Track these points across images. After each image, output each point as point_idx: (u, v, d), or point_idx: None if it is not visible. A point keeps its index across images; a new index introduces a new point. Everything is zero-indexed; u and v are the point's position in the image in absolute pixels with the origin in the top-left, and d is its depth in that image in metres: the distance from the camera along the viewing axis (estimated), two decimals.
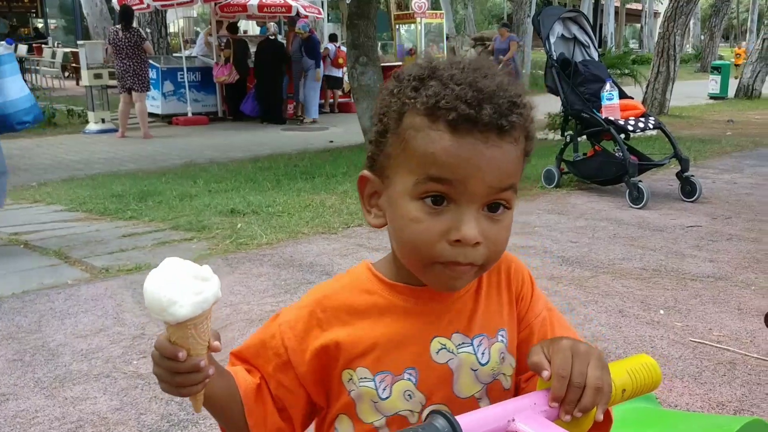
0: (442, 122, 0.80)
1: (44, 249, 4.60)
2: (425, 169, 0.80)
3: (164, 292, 0.72)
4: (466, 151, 0.79)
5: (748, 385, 2.61)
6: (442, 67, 0.83)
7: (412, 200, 0.81)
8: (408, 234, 0.82)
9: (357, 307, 0.90)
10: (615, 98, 5.70)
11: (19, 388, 2.63)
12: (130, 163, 8.44)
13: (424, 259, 0.82)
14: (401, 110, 0.83)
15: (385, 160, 0.85)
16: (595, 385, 0.77)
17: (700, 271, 3.94)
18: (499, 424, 0.79)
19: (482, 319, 0.92)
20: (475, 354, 0.90)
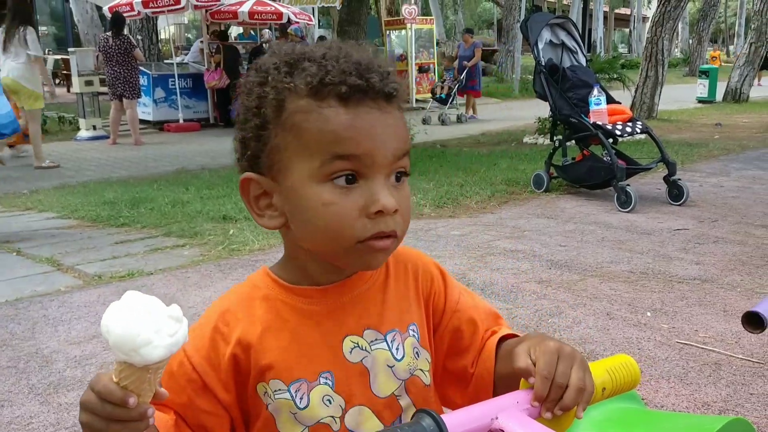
0: (332, 98, 0.79)
1: (37, 256, 4.61)
2: (328, 148, 0.78)
3: (138, 329, 0.65)
4: (364, 122, 0.79)
5: (732, 386, 2.66)
6: (308, 49, 0.83)
7: (320, 184, 0.79)
8: (323, 219, 0.79)
9: (259, 316, 0.86)
10: (603, 103, 5.77)
11: (14, 395, 2.65)
12: (122, 170, 8.46)
13: (346, 241, 0.80)
14: (279, 97, 0.81)
15: (271, 155, 0.82)
16: (578, 386, 0.79)
17: (687, 273, 4.00)
18: (482, 422, 0.81)
19: (392, 314, 0.90)
20: (389, 350, 0.88)
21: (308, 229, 0.82)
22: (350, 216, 0.79)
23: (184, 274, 4.12)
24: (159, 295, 2.57)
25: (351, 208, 0.79)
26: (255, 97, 0.83)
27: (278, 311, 0.86)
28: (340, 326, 0.87)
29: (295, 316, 0.86)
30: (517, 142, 10.12)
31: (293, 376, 0.84)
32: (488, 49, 26.63)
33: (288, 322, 0.86)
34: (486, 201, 5.96)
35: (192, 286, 3.89)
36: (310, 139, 0.79)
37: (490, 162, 7.90)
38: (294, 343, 0.85)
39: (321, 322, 0.86)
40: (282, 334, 0.85)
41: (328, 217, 0.79)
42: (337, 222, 0.79)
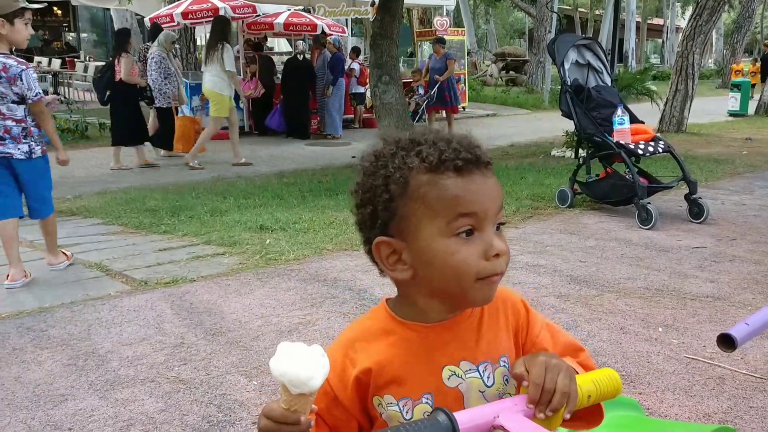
0: (450, 171, 1.01)
1: (86, 261, 4.94)
2: (453, 209, 1.00)
3: (304, 369, 0.90)
4: (477, 186, 1.02)
5: (734, 399, 2.85)
6: (416, 138, 1.06)
7: (447, 238, 1.00)
8: (451, 265, 1.00)
9: (380, 347, 1.08)
10: (626, 123, 5.94)
11: (76, 390, 2.95)
12: (160, 177, 8.81)
13: (468, 281, 1.01)
14: (403, 175, 1.02)
15: (401, 222, 1.03)
16: (563, 391, 1.00)
17: (701, 291, 4.18)
18: (486, 419, 1.04)
19: (485, 347, 1.10)
20: (481, 378, 1.08)
21: (438, 274, 1.02)
22: (472, 260, 1.01)
23: (224, 281, 4.41)
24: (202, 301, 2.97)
25: (473, 254, 1.01)
26: (380, 177, 1.04)
27: (394, 343, 1.08)
28: (441, 357, 1.08)
29: (406, 346, 1.08)
30: (545, 154, 10.28)
31: (402, 393, 1.06)
32: (519, 60, 26.78)
33: (400, 350, 1.08)
34: (511, 216, 6.17)
35: (232, 293, 4.17)
36: (435, 205, 1.01)
37: (517, 176, 8.09)
38: (404, 368, 1.07)
39: (426, 352, 1.08)
40: (396, 359, 1.07)
41: (456, 262, 1.01)
42: (463, 266, 1.01)
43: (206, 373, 3.09)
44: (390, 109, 9.89)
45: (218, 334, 3.54)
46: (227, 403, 2.82)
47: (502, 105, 19.67)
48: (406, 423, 0.97)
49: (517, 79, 25.49)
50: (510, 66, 26.56)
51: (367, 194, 1.06)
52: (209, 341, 3.46)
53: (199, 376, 3.06)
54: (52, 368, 3.16)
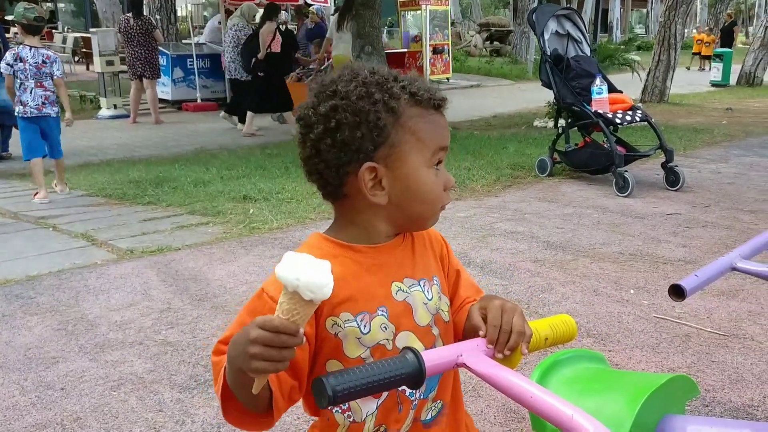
0: (430, 107, 1.12)
1: (72, 232, 5.00)
2: (437, 142, 1.11)
3: (320, 275, 0.92)
4: (445, 123, 1.14)
5: (698, 354, 2.99)
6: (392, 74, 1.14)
7: (428, 168, 1.11)
8: (429, 194, 1.12)
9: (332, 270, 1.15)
10: (604, 92, 6.04)
11: (66, 353, 3.04)
12: (143, 149, 8.82)
13: (436, 207, 1.15)
14: (392, 106, 1.09)
15: (389, 149, 1.09)
16: (518, 330, 1.10)
17: (673, 255, 4.32)
18: (450, 358, 1.14)
19: (420, 267, 1.21)
20: (422, 292, 1.18)
21: (416, 200, 1.13)
22: (440, 190, 1.14)
23: (209, 250, 4.49)
24: (188, 268, 3.08)
25: (440, 185, 1.14)
26: (369, 102, 1.08)
27: (344, 264, 1.13)
28: (388, 274, 1.16)
29: (357, 267, 1.14)
30: (527, 125, 10.37)
31: (359, 309, 1.11)
32: (503, 30, 26.68)
33: (352, 270, 1.13)
34: (491, 184, 6.27)
35: (217, 261, 4.26)
36: (423, 136, 1.10)
37: (498, 146, 8.18)
38: (358, 286, 1.12)
39: (375, 271, 1.15)
40: (348, 280, 1.12)
41: (432, 191, 1.13)
42: (437, 195, 1.14)
43: (193, 336, 3.19)
44: None
45: (204, 300, 3.64)
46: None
47: (486, 76, 19.69)
48: (378, 360, 1.04)
49: (502, 49, 25.45)
50: (494, 36, 26.49)
51: (355, 117, 1.08)
52: (195, 306, 3.55)
53: (186, 339, 3.16)
54: (42, 333, 3.25)
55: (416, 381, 1.06)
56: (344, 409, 1.18)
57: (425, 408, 1.22)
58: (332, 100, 1.10)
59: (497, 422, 2.47)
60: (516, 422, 2.46)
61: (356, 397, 1.01)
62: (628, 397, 1.92)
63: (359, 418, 1.17)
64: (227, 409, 1.09)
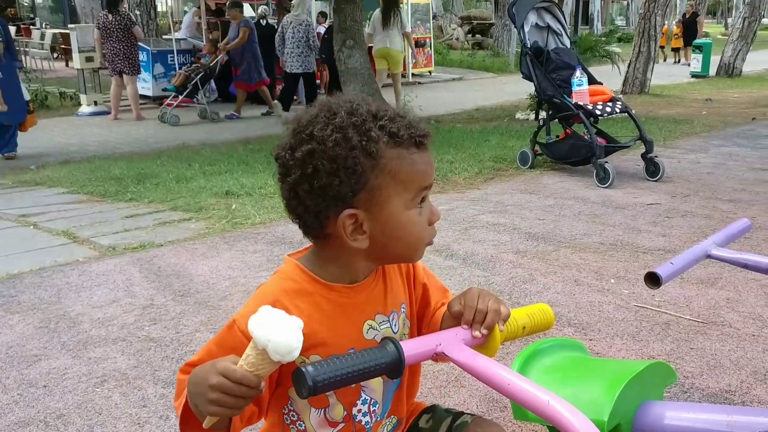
0: (413, 146, 1.09)
1: (53, 229, 4.96)
2: (419, 182, 1.10)
3: (290, 339, 0.93)
4: (428, 160, 1.13)
5: (677, 342, 3.03)
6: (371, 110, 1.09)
7: (410, 210, 1.10)
8: (412, 234, 1.12)
9: (302, 308, 1.11)
10: (584, 84, 6.08)
11: (49, 350, 3.03)
12: (125, 146, 8.77)
13: (421, 247, 1.15)
14: (375, 149, 1.06)
15: (369, 194, 1.07)
16: (494, 309, 1.13)
17: (653, 244, 4.37)
18: (429, 347, 1.16)
19: (391, 298, 1.23)
20: (390, 326, 1.21)
21: (398, 243, 1.12)
22: (425, 228, 1.14)
23: (191, 245, 4.48)
24: (170, 264, 3.08)
25: (424, 222, 1.14)
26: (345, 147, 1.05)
27: (318, 304, 1.14)
28: (362, 314, 1.18)
29: (330, 307, 1.15)
30: (509, 117, 10.42)
31: (328, 352, 1.10)
32: (485, 23, 26.74)
33: (325, 311, 1.14)
34: (474, 177, 6.30)
35: (199, 257, 4.25)
36: (404, 179, 1.08)
37: (481, 138, 8.22)
38: (330, 330, 1.13)
39: (349, 312, 1.16)
40: (322, 323, 1.12)
41: (416, 231, 1.13)
42: (420, 233, 1.13)
43: (176, 332, 3.19)
44: (355, 74, 9.91)
45: (187, 295, 3.63)
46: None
47: (468, 69, 19.74)
48: (358, 351, 1.06)
49: (483, 42, 25.51)
50: (476, 29, 26.54)
51: (332, 164, 1.05)
52: (178, 302, 3.54)
53: (169, 335, 3.16)
54: (24, 331, 3.23)
55: (396, 371, 1.08)
56: (299, 430, 1.20)
57: (381, 426, 1.26)
58: (309, 145, 1.07)
59: (479, 412, 2.49)
60: (498, 411, 2.49)
61: (336, 387, 1.02)
62: (607, 384, 1.95)
63: None
64: (186, 423, 1.09)
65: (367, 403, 1.21)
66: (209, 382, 0.93)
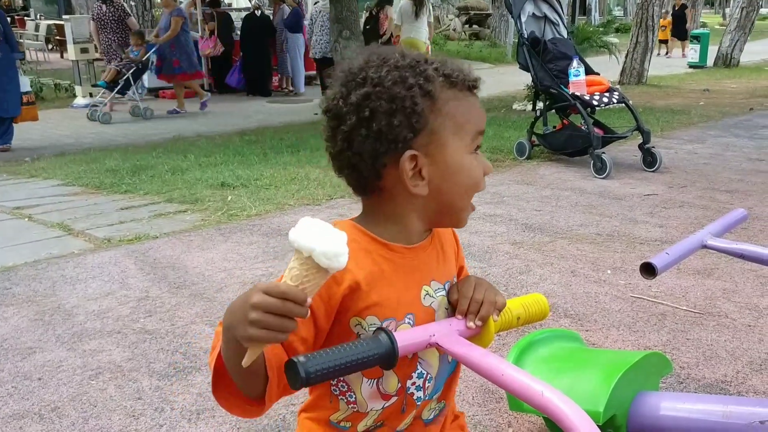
0: (467, 90, 1.07)
1: (48, 222, 4.94)
2: (475, 125, 1.07)
3: (339, 245, 0.87)
4: (481, 105, 1.10)
5: (673, 332, 3.03)
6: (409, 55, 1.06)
7: (469, 154, 1.07)
8: (470, 179, 1.07)
9: (364, 266, 1.05)
10: (581, 74, 6.06)
11: (43, 343, 3.01)
12: (120, 138, 8.73)
13: (471, 195, 1.09)
14: (427, 89, 1.02)
15: (429, 136, 1.03)
16: (490, 300, 1.11)
17: (650, 235, 4.36)
18: (423, 338, 1.14)
19: (444, 268, 1.18)
20: (446, 295, 1.16)
21: (458, 187, 1.08)
22: (481, 177, 1.10)
23: (187, 237, 4.46)
24: (166, 256, 3.05)
25: (480, 169, 1.10)
26: (403, 86, 1.01)
27: (378, 263, 1.08)
28: (419, 278, 1.12)
29: (390, 268, 1.09)
30: (506, 108, 10.39)
31: (386, 314, 1.06)
32: (482, 13, 26.63)
33: (385, 272, 1.08)
34: None
35: (195, 248, 4.23)
36: (462, 121, 1.06)
37: None
38: (389, 290, 1.07)
39: (407, 274, 1.11)
40: (381, 281, 1.07)
41: (473, 177, 1.08)
42: (476, 180, 1.09)
43: (171, 324, 3.18)
44: None
45: (182, 287, 3.62)
46: (192, 351, 2.91)
47: (465, 59, 19.55)
48: (351, 342, 1.03)
49: (481, 33, 25.40)
50: (473, 20, 26.42)
51: (390, 105, 1.01)
52: (173, 294, 3.53)
53: (165, 327, 3.15)
54: (19, 323, 3.22)
55: (389, 361, 1.06)
56: (350, 401, 1.15)
57: (427, 408, 1.21)
58: (364, 88, 1.02)
59: (475, 403, 2.49)
60: (494, 402, 2.48)
61: (329, 378, 1.01)
62: (603, 374, 1.95)
63: (363, 410, 1.15)
64: (217, 385, 1.02)
65: (423, 377, 1.16)
66: (251, 301, 0.85)
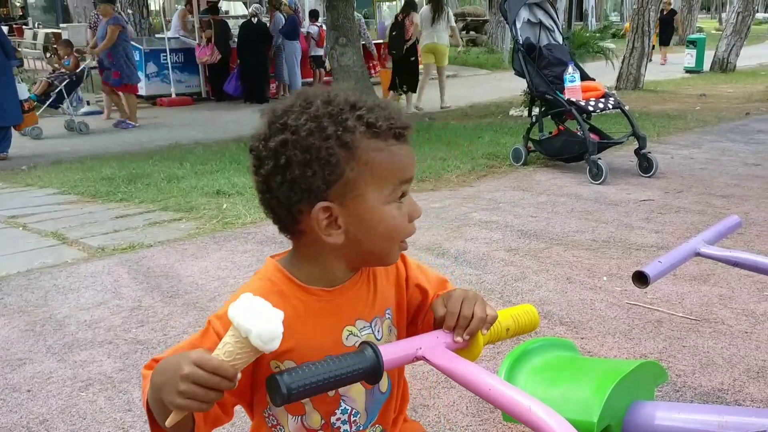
0: (392, 138, 1.03)
1: (42, 231, 4.91)
2: (397, 175, 1.04)
3: (275, 327, 0.88)
4: (410, 153, 1.07)
5: (669, 340, 3.01)
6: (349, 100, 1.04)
7: (389, 204, 1.04)
8: (389, 230, 1.05)
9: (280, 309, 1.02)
10: (577, 80, 6.05)
11: (34, 354, 2.99)
12: (117, 146, 8.71)
13: (397, 243, 1.08)
14: (351, 139, 1.00)
15: (344, 187, 1.02)
16: (479, 316, 1.09)
17: (646, 241, 4.34)
18: (409, 351, 1.12)
19: (376, 304, 1.16)
20: (373, 333, 1.14)
21: (375, 238, 1.06)
22: (404, 224, 1.08)
23: (181, 246, 4.44)
24: (159, 265, 3.01)
25: (403, 218, 1.07)
26: (320, 137, 1.00)
27: (294, 307, 1.07)
28: (341, 319, 1.11)
29: (307, 311, 1.08)
30: (503, 114, 10.38)
31: (303, 358, 1.03)
32: (479, 20, 26.68)
33: (300, 316, 1.07)
34: (466, 175, 6.27)
35: (189, 257, 4.21)
36: (383, 170, 1.03)
37: (474, 135, 8.19)
38: (305, 335, 1.06)
39: (326, 317, 1.10)
40: (296, 325, 1.04)
41: (393, 227, 1.06)
42: (397, 229, 1.07)
43: (163, 334, 3.15)
44: (348, 72, 9.88)
45: (175, 297, 3.59)
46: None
47: (462, 66, 19.64)
48: (335, 356, 1.02)
49: (478, 39, 25.45)
50: (470, 26, 26.47)
51: (305, 155, 1.00)
52: (166, 303, 3.51)
53: (157, 337, 3.12)
54: (9, 334, 3.19)
55: (374, 376, 1.04)
56: None
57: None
58: (282, 135, 1.02)
59: (469, 413, 2.47)
60: (488, 413, 2.46)
61: (312, 394, 0.98)
62: (597, 384, 1.92)
63: None
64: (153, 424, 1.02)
65: (347, 413, 1.16)
66: (181, 372, 0.87)
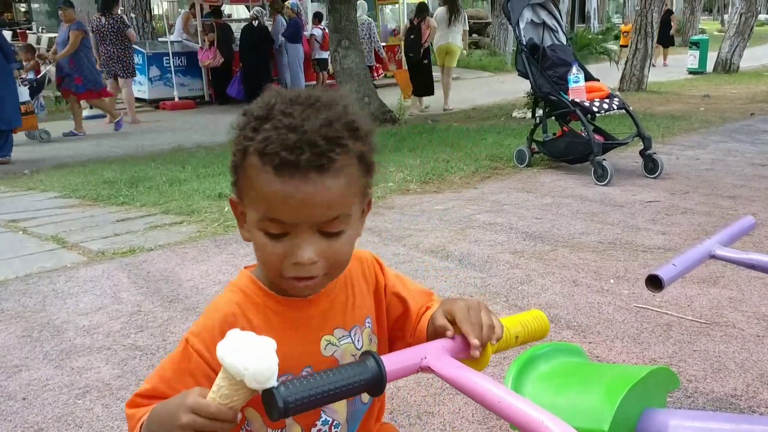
0: (269, 166, 0.91)
1: (42, 234, 4.87)
2: (263, 209, 0.94)
3: (270, 363, 0.83)
4: (289, 194, 0.91)
5: (679, 344, 2.94)
6: (278, 107, 0.94)
7: (258, 230, 0.96)
8: (260, 255, 0.98)
9: (254, 322, 1.03)
10: (581, 81, 5.99)
11: (30, 360, 2.93)
12: (119, 149, 8.69)
13: (276, 275, 0.98)
14: (245, 148, 0.95)
15: (241, 190, 0.99)
16: (488, 324, 1.03)
17: (652, 243, 4.27)
18: (413, 361, 1.06)
19: (354, 312, 1.12)
20: (353, 342, 1.10)
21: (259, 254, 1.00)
22: (276, 260, 0.96)
23: (182, 249, 4.38)
24: (160, 269, 2.94)
25: (276, 254, 0.96)
26: (234, 139, 0.98)
27: (267, 317, 1.04)
28: (318, 329, 1.07)
29: (281, 321, 1.05)
30: (506, 116, 10.33)
31: (282, 370, 1.00)
32: (482, 22, 26.63)
33: (275, 326, 1.03)
34: (470, 176, 6.22)
35: (190, 261, 4.16)
36: (255, 194, 0.95)
37: (477, 137, 8.13)
38: (281, 345, 0.95)
39: (302, 326, 1.06)
40: (271, 336, 1.00)
41: (263, 255, 0.98)
42: (268, 261, 0.98)
43: (163, 339, 3.09)
44: (350, 74, 9.83)
45: (175, 301, 3.54)
46: None
47: (465, 68, 19.60)
48: (335, 367, 0.98)
49: (480, 41, 25.41)
50: (473, 29, 26.38)
51: (233, 145, 1.00)
52: (166, 308, 3.45)
53: (156, 342, 3.07)
54: (6, 340, 3.14)
55: (377, 388, 0.98)
56: None
57: None
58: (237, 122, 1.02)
59: (475, 420, 2.41)
60: (494, 420, 2.40)
61: (310, 408, 0.93)
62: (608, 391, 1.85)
63: None
64: None
65: (328, 423, 1.12)
66: (179, 422, 0.84)
